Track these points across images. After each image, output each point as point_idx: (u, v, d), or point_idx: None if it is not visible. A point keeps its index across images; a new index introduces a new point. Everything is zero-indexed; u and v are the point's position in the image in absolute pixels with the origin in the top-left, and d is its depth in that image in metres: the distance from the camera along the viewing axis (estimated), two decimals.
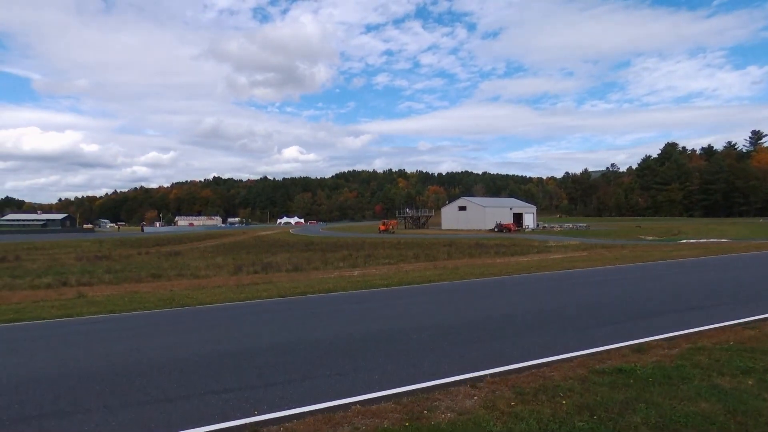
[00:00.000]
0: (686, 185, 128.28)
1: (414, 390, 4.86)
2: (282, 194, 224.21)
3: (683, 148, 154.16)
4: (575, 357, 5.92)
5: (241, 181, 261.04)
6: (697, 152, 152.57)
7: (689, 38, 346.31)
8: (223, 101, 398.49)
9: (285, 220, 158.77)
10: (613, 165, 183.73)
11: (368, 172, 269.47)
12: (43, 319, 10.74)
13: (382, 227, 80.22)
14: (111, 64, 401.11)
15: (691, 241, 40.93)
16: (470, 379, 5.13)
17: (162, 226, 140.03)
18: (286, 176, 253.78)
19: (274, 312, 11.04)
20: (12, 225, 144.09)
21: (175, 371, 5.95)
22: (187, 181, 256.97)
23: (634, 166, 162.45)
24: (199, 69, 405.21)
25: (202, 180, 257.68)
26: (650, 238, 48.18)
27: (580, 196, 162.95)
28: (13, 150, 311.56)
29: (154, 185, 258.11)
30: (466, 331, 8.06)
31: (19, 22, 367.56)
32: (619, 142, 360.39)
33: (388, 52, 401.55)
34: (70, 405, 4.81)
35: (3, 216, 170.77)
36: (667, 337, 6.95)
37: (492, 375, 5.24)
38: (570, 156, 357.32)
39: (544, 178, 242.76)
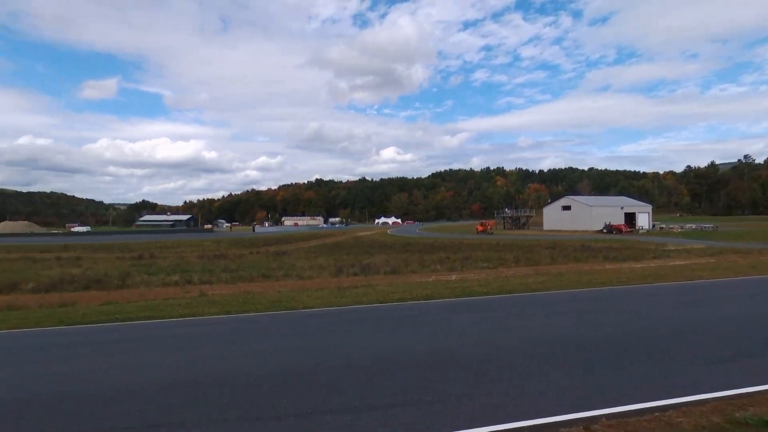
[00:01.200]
0: None
1: (520, 428, 4.60)
2: (380, 194, 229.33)
3: None
4: (708, 399, 5.20)
5: (341, 182, 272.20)
6: None
7: None
8: (325, 106, 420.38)
9: (383, 220, 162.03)
10: (746, 156, 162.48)
11: (465, 170, 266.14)
12: (172, 317, 12.04)
13: (480, 228, 78.42)
14: (227, 78, 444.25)
15: None
16: (582, 419, 4.72)
17: (270, 226, 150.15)
18: (384, 177, 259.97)
19: (374, 320, 11.24)
20: (147, 225, 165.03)
21: (285, 383, 6.28)
22: (292, 184, 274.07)
23: None
24: (303, 77, 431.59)
25: (306, 182, 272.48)
26: None
27: (705, 192, 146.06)
28: (148, 159, 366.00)
29: (263, 188, 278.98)
30: (571, 353, 7.51)
31: (155, 46, 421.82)
32: (754, 130, 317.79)
33: (486, 48, 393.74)
34: (194, 414, 5.26)
35: (140, 217, 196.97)
36: None
37: (608, 416, 4.79)
38: (693, 147, 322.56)
39: (661, 173, 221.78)
